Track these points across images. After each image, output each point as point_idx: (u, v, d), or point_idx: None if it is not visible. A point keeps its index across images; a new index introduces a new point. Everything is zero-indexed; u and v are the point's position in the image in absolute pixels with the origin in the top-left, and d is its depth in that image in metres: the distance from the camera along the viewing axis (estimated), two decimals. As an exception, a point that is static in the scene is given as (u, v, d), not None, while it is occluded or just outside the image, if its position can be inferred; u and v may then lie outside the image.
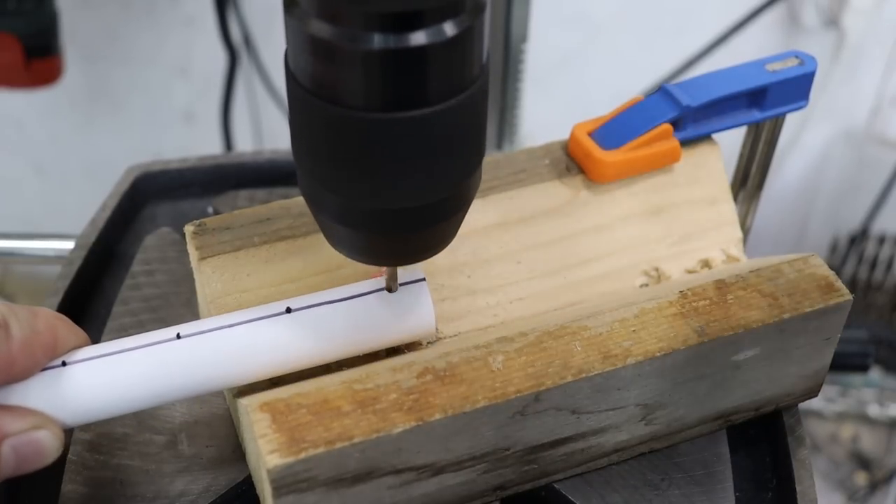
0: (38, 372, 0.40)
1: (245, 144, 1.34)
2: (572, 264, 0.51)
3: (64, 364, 0.41)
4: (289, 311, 0.43)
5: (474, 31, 0.34)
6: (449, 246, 0.49)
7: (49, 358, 0.41)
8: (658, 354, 0.44)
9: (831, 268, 0.49)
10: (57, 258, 0.66)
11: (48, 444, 0.40)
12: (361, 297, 0.44)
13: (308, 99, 0.35)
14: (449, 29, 0.33)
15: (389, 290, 0.45)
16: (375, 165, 0.35)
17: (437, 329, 0.47)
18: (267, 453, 0.39)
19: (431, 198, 0.37)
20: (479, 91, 0.36)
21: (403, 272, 0.45)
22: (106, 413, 0.42)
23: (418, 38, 0.32)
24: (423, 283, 0.45)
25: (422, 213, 0.38)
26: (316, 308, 0.44)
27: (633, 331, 0.45)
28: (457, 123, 0.36)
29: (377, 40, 0.32)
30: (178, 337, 0.42)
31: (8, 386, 0.40)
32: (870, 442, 1.41)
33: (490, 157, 0.53)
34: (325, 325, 0.43)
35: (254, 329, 0.43)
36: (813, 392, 0.52)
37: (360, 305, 0.44)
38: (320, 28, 0.33)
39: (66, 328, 0.42)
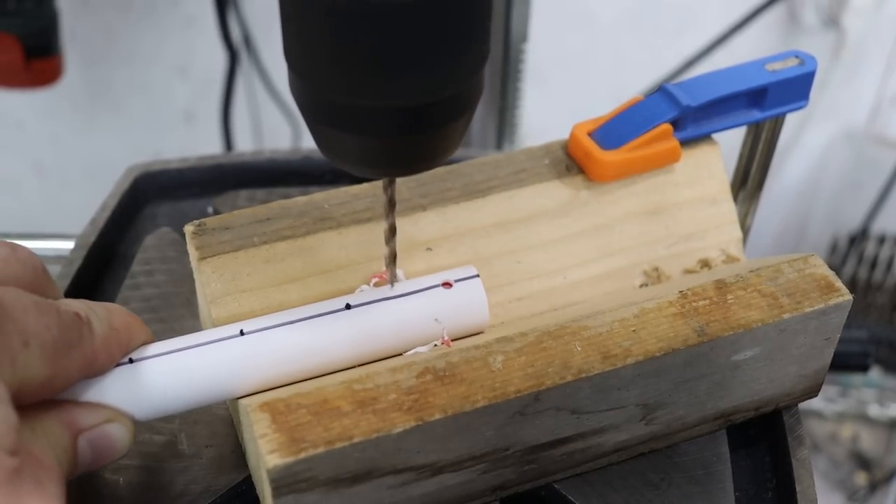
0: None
1: (245, 144, 1.34)
2: (572, 264, 0.51)
3: (131, 361, 0.42)
4: (348, 307, 0.44)
5: None
6: (449, 246, 0.49)
7: (123, 354, 0.42)
8: (658, 354, 0.44)
9: (831, 268, 0.49)
10: (57, 258, 0.66)
11: (121, 437, 0.41)
12: (419, 293, 0.45)
13: None
14: None
15: (391, 285, 0.45)
16: (373, 57, 0.34)
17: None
18: (267, 453, 0.39)
19: (431, 95, 0.36)
20: None
21: (456, 269, 0.46)
22: (173, 408, 0.42)
23: None
24: (477, 279, 0.46)
25: (421, 114, 0.36)
26: (375, 304, 0.44)
27: (633, 331, 0.45)
28: (459, 12, 0.34)
29: None
30: (242, 333, 0.43)
31: (84, 381, 0.40)
32: (870, 442, 1.41)
33: (490, 157, 0.53)
34: (385, 322, 0.44)
35: (316, 325, 0.44)
36: (813, 392, 0.52)
37: (417, 302, 0.45)
38: None
39: (138, 326, 0.43)
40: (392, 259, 0.45)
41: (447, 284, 0.46)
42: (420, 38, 0.34)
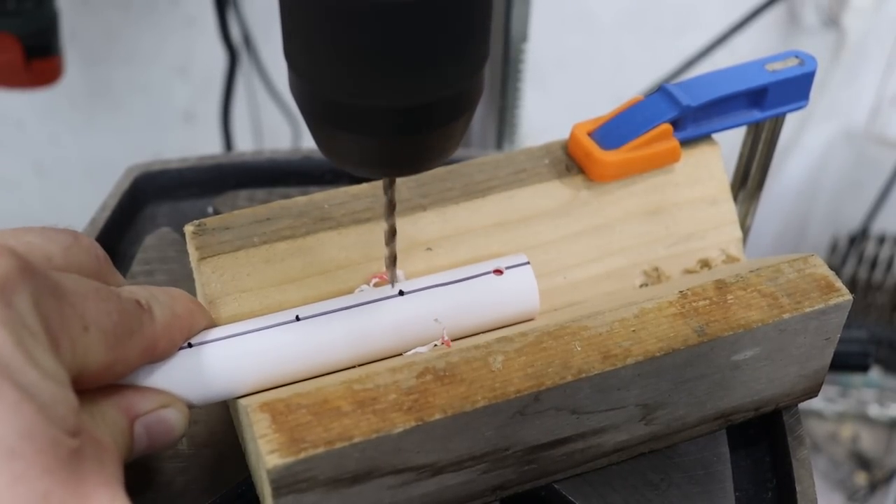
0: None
1: (245, 144, 1.34)
2: (572, 264, 0.51)
3: (190, 345, 0.42)
4: (401, 293, 0.45)
5: None
6: (449, 246, 0.49)
7: (185, 340, 0.42)
8: (658, 354, 0.44)
9: (831, 268, 0.49)
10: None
11: (176, 421, 0.41)
12: (471, 279, 0.46)
13: None
14: None
15: (392, 285, 0.45)
16: (371, 58, 0.34)
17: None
18: (267, 453, 0.39)
19: (431, 95, 0.36)
20: None
21: (507, 256, 0.47)
22: (229, 393, 0.43)
23: None
24: (528, 266, 0.47)
25: (421, 114, 0.36)
26: (429, 290, 0.45)
27: (633, 331, 0.45)
28: (457, 11, 0.34)
29: None
30: (297, 319, 0.44)
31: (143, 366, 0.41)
32: (870, 442, 1.41)
33: (490, 157, 0.53)
34: (438, 307, 0.45)
35: (370, 310, 0.44)
36: (813, 392, 0.52)
37: (470, 288, 0.46)
38: None
39: (200, 311, 0.44)
40: (392, 261, 0.45)
41: (498, 272, 0.46)
42: (420, 37, 0.34)
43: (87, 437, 0.35)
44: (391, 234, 0.44)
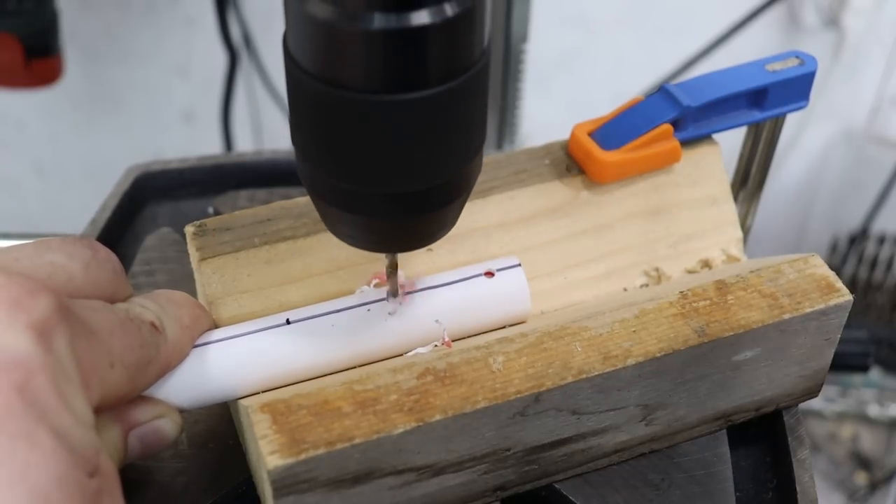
0: None
1: (245, 144, 1.34)
2: (572, 264, 0.51)
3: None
4: (395, 295, 0.45)
5: (475, 11, 0.33)
6: (449, 246, 0.49)
7: (192, 347, 0.42)
8: (658, 355, 0.44)
9: (831, 268, 0.49)
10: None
11: (170, 430, 0.41)
12: (462, 282, 0.46)
13: (307, 80, 0.34)
14: (450, 9, 0.32)
15: (394, 294, 0.45)
16: (374, 148, 0.35)
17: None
18: (267, 454, 0.39)
19: (432, 182, 0.37)
20: (480, 73, 0.35)
21: (498, 258, 0.48)
22: (229, 395, 0.43)
23: (419, 17, 0.32)
24: (519, 268, 0.47)
25: (422, 198, 0.37)
26: (422, 293, 0.45)
27: (634, 331, 0.45)
28: (456, 106, 0.35)
29: (377, 20, 0.32)
30: (297, 321, 0.44)
31: None
32: (870, 442, 1.41)
33: (490, 157, 0.53)
34: (431, 309, 0.45)
35: (358, 314, 0.44)
36: (813, 392, 0.52)
37: (461, 290, 0.46)
38: (320, 8, 0.32)
39: (204, 315, 0.44)
40: (394, 293, 0.45)
41: (489, 274, 0.46)
42: (420, 132, 0.35)
43: (102, 471, 0.35)
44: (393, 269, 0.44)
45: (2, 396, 0.31)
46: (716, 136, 0.54)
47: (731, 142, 0.56)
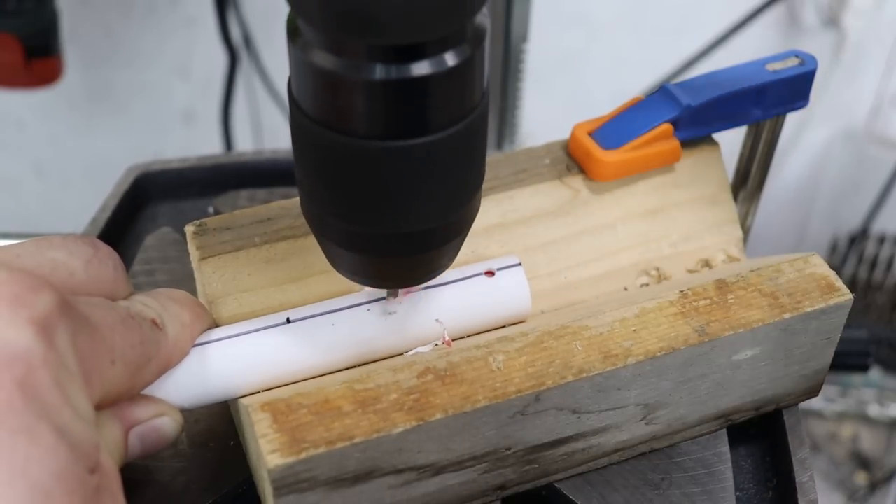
0: None
1: (245, 144, 1.34)
2: (572, 264, 0.51)
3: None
4: (395, 294, 0.45)
5: (475, 60, 0.34)
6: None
7: (192, 345, 0.43)
8: (658, 354, 0.44)
9: (831, 267, 0.49)
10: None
11: (170, 429, 0.41)
12: (462, 281, 0.46)
13: (309, 125, 0.35)
14: (450, 59, 0.33)
15: (394, 293, 0.45)
16: (375, 192, 0.36)
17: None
18: (268, 453, 0.39)
19: (432, 223, 0.38)
20: (479, 118, 0.36)
21: (498, 258, 0.48)
22: (229, 395, 0.43)
23: (420, 68, 0.33)
24: (519, 267, 0.47)
25: (422, 238, 0.38)
26: (421, 292, 0.45)
27: (634, 330, 0.45)
28: (456, 150, 0.36)
29: (379, 71, 0.32)
30: (288, 321, 0.44)
31: None
32: (870, 442, 1.41)
33: (490, 157, 0.53)
34: (431, 309, 0.45)
35: (358, 313, 0.44)
36: (813, 392, 0.52)
37: (461, 290, 0.46)
38: (323, 58, 0.33)
39: (204, 314, 0.44)
40: (394, 292, 0.45)
41: (489, 273, 0.46)
42: (419, 176, 0.36)
43: (102, 468, 0.35)
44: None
45: (3, 391, 0.31)
46: (716, 136, 0.54)
47: (731, 142, 0.56)
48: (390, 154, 0.35)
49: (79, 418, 0.33)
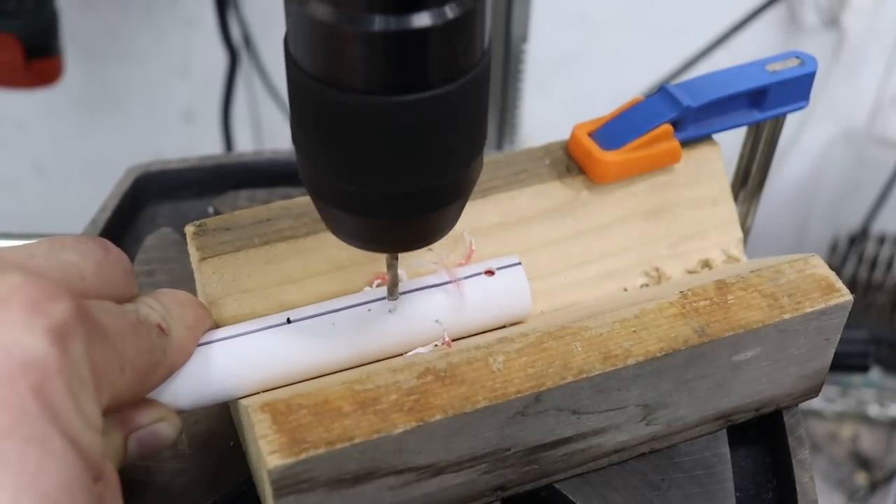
0: None
1: (245, 144, 1.34)
2: (572, 264, 0.51)
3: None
4: (394, 292, 0.45)
5: (476, 13, 0.34)
6: (449, 246, 0.49)
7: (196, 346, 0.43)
8: (658, 355, 0.44)
9: (831, 268, 0.49)
10: (57, 258, 0.65)
11: (169, 434, 0.41)
12: (462, 280, 0.46)
13: (308, 82, 0.34)
14: (451, 11, 0.32)
15: (394, 290, 0.45)
16: (375, 150, 0.35)
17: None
18: (267, 454, 0.39)
19: (433, 183, 0.37)
20: (481, 74, 0.36)
21: (498, 257, 0.48)
22: (228, 395, 0.43)
23: (420, 19, 0.32)
24: (519, 266, 0.47)
25: (423, 199, 0.37)
26: (421, 291, 0.45)
27: (634, 331, 0.45)
28: (457, 107, 0.35)
29: (378, 22, 0.32)
30: (288, 322, 0.44)
31: None
32: (870, 442, 1.41)
33: (490, 158, 0.53)
34: (430, 309, 0.45)
35: (359, 313, 0.44)
36: (813, 392, 0.52)
37: (461, 289, 0.46)
38: (321, 10, 0.32)
39: (206, 315, 0.44)
40: (394, 285, 0.45)
41: (489, 272, 0.46)
42: (419, 133, 0.35)
43: (105, 476, 0.35)
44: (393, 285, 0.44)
45: (18, 398, 0.31)
46: (716, 136, 0.54)
47: (731, 142, 0.56)
48: (390, 110, 0.34)
49: (88, 426, 0.33)
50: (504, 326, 0.48)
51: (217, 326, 0.45)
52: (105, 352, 0.35)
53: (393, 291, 0.45)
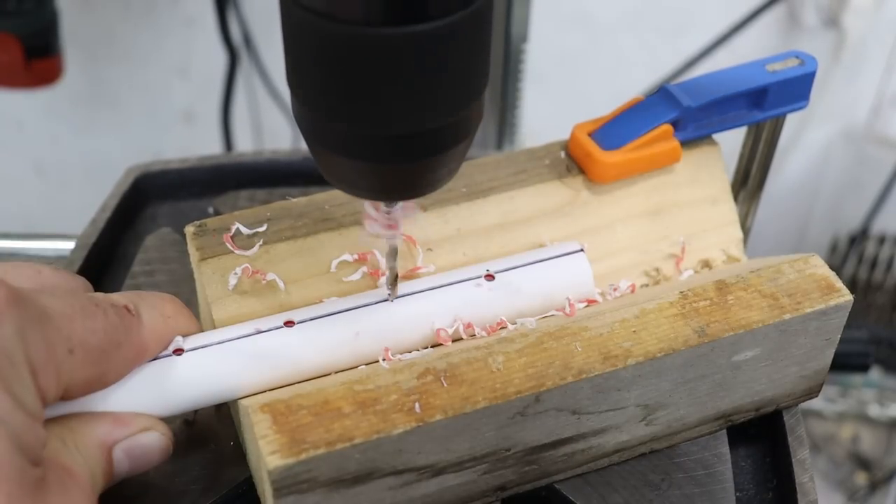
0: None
1: (245, 144, 1.34)
2: (573, 265, 0.51)
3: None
4: (394, 284, 0.45)
5: None
6: (449, 246, 0.49)
7: (175, 337, 0.43)
8: (658, 355, 0.44)
9: (831, 268, 0.49)
10: (57, 258, 0.66)
11: (157, 444, 0.42)
12: (526, 266, 0.47)
13: (303, 15, 0.33)
14: None
15: (393, 282, 0.45)
16: (371, 87, 0.34)
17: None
18: (268, 454, 0.39)
19: (431, 124, 0.36)
20: (483, 9, 0.35)
21: (562, 244, 0.49)
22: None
23: None
24: (582, 253, 0.48)
25: (422, 142, 0.36)
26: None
27: (634, 331, 0.45)
28: (457, 42, 0.34)
29: None
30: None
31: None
32: (870, 442, 1.41)
33: (490, 157, 0.53)
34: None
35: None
36: (813, 392, 0.52)
37: (525, 274, 0.47)
38: None
39: (188, 315, 0.44)
40: (393, 280, 0.45)
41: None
42: (418, 69, 0.34)
43: (53, 465, 0.36)
44: (393, 256, 0.44)
45: None
46: (716, 136, 0.54)
47: (731, 142, 0.56)
48: (387, 43, 0.33)
49: (20, 408, 0.34)
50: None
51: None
52: (47, 334, 0.36)
53: (392, 285, 0.45)
